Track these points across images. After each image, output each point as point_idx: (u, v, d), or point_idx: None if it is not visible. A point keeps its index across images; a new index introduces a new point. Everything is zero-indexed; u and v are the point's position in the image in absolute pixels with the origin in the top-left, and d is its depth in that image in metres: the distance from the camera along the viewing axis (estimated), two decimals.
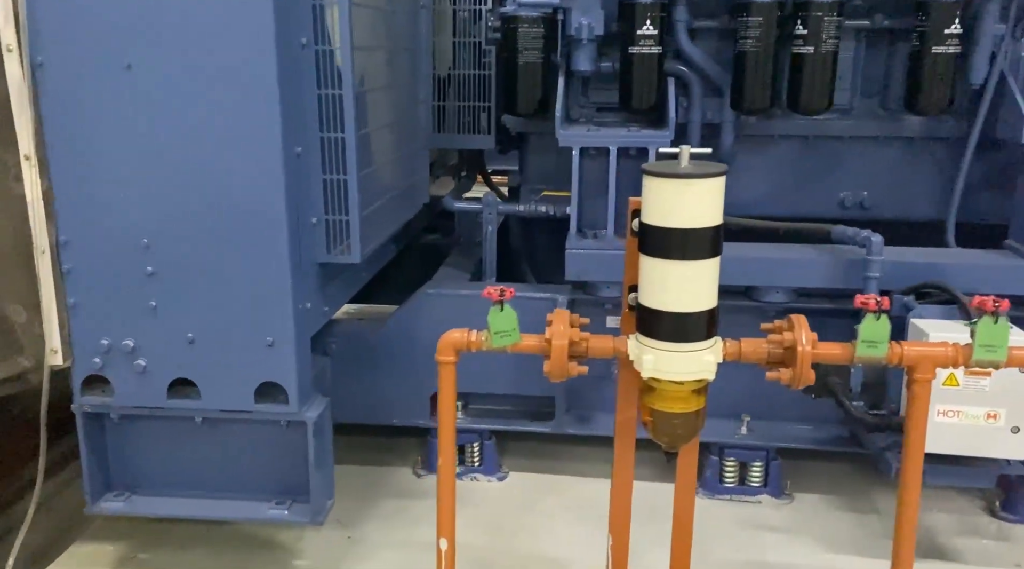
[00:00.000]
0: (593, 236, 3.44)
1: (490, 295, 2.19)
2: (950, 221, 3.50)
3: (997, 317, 2.06)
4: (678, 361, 2.13)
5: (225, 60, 2.43)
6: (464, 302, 3.52)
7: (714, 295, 2.15)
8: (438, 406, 2.34)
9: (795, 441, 3.54)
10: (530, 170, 3.98)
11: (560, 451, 3.93)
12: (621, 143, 3.34)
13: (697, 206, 2.05)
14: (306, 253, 2.71)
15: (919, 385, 2.17)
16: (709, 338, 2.16)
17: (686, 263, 2.08)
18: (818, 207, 3.82)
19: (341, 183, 2.72)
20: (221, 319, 2.62)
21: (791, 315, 2.22)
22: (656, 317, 2.14)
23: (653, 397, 2.22)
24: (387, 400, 3.64)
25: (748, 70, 3.31)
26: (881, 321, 2.12)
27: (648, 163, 2.14)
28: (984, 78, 3.29)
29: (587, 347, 2.23)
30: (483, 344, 2.24)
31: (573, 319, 2.26)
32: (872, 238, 3.11)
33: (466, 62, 3.87)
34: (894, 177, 3.72)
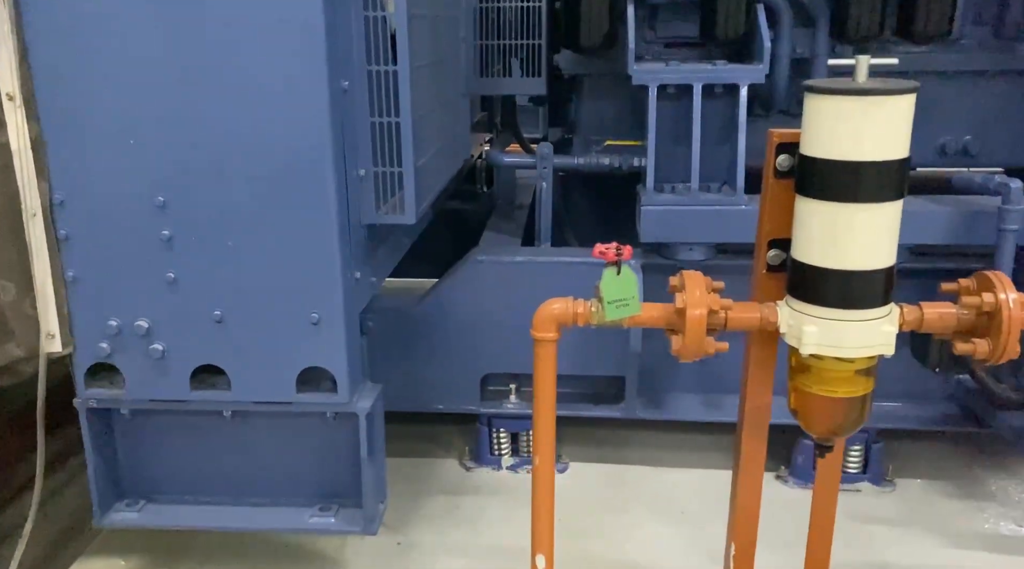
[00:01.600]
0: (672, 190, 2.97)
1: (603, 255, 1.72)
2: None
3: None
4: (850, 332, 1.68)
5: None
6: (520, 270, 3.06)
7: (895, 249, 1.70)
8: (535, 395, 1.88)
9: (899, 421, 3.12)
10: (585, 118, 3.49)
11: (623, 437, 3.50)
12: (707, 79, 2.86)
13: (887, 131, 1.59)
14: (354, 212, 2.23)
15: None
16: (886, 303, 1.71)
17: (867, 206, 1.62)
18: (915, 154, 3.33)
19: (393, 127, 2.24)
20: (255, 293, 2.15)
21: (985, 271, 1.77)
22: (822, 277, 1.68)
23: (809, 378, 1.78)
24: (431, 383, 3.18)
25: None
26: None
27: (811, 80, 1.66)
28: None
29: (727, 318, 1.77)
30: (593, 317, 1.78)
31: (707, 282, 1.80)
32: (1010, 184, 2.65)
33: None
34: (1006, 118, 3.26)
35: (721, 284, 1.83)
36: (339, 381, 2.22)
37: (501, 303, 3.05)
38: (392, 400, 3.16)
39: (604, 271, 1.75)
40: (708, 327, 1.77)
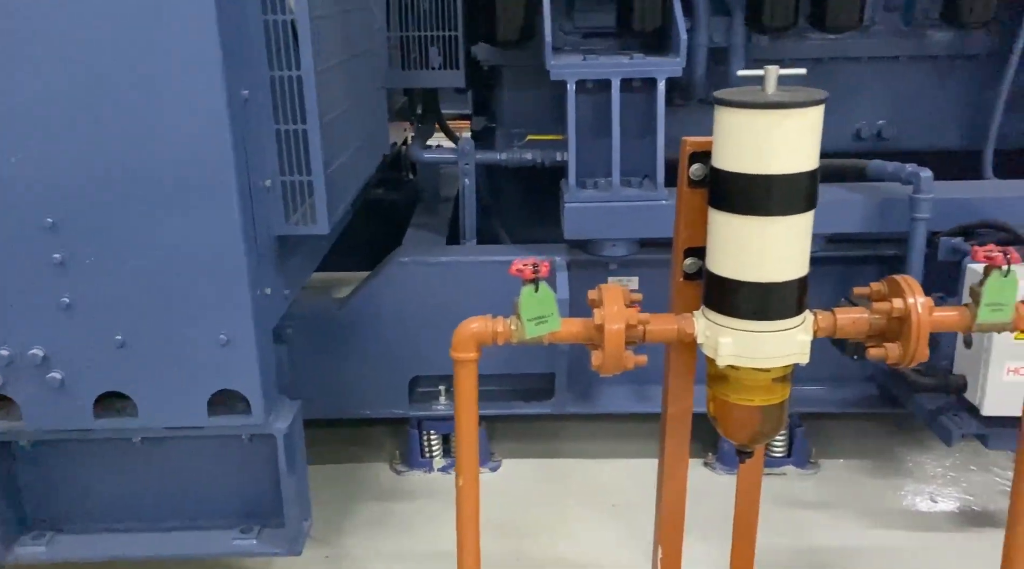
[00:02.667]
0: (593, 185, 2.94)
1: (521, 273, 1.68)
2: (988, 149, 3.14)
3: None
4: (765, 343, 1.68)
5: None
6: (444, 270, 3.00)
7: (807, 259, 1.70)
8: (456, 416, 1.83)
9: (821, 405, 3.19)
10: (506, 111, 3.43)
11: (556, 430, 3.50)
12: (626, 73, 2.82)
13: (795, 144, 1.57)
14: (261, 225, 2.13)
15: None
16: (801, 312, 1.72)
17: (779, 219, 1.61)
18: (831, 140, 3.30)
19: (300, 134, 2.14)
20: (159, 315, 2.04)
21: (895, 276, 1.79)
22: (736, 289, 1.67)
23: (727, 387, 1.78)
24: (357, 388, 3.11)
25: None
26: (1009, 279, 1.71)
27: (723, 91, 1.64)
28: None
29: (645, 331, 1.75)
30: (513, 335, 1.74)
31: (625, 295, 1.77)
32: (920, 173, 2.71)
33: None
34: (917, 102, 3.34)
35: (640, 296, 1.80)
36: (253, 403, 2.13)
37: (427, 304, 2.99)
38: (317, 407, 3.09)
39: (522, 289, 1.70)
40: (627, 340, 1.75)
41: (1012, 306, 1.73)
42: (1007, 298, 1.71)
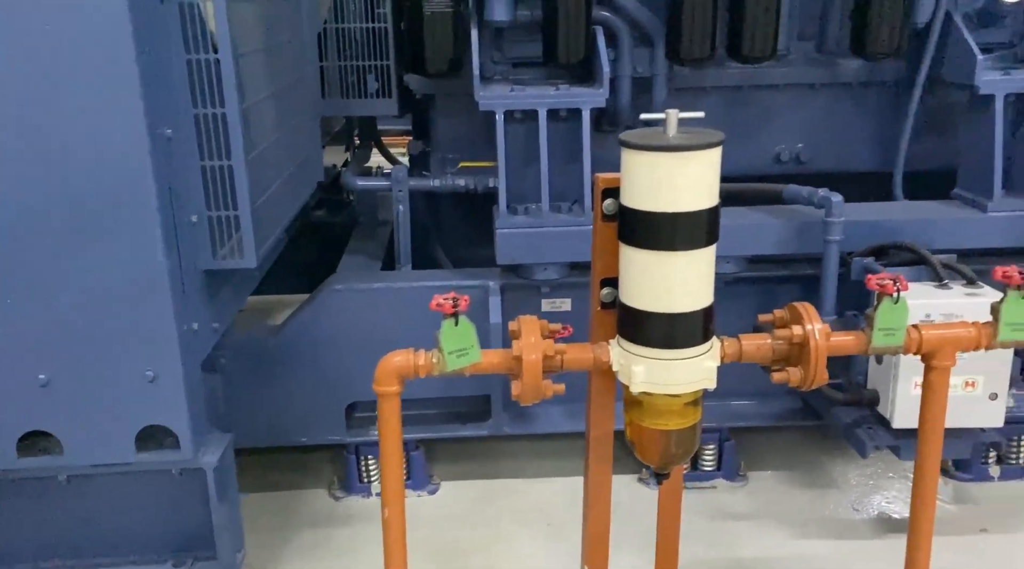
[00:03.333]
0: (524, 211, 3.01)
1: (441, 307, 1.73)
2: (898, 172, 3.30)
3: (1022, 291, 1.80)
4: (675, 370, 1.77)
5: (65, 21, 1.82)
6: (379, 297, 3.04)
7: (711, 288, 1.79)
8: (381, 448, 1.88)
9: (748, 419, 3.30)
10: (439, 137, 3.49)
11: (493, 452, 3.54)
12: (552, 104, 2.91)
13: (695, 184, 1.66)
14: (187, 261, 2.15)
15: (938, 373, 1.90)
16: (708, 339, 1.81)
17: (683, 254, 1.70)
18: (752, 162, 3.55)
19: (225, 170, 2.17)
20: (84, 353, 2.05)
21: (796, 303, 1.89)
22: (647, 320, 1.75)
23: (642, 413, 1.85)
24: (293, 416, 3.12)
25: (685, 13, 2.94)
26: (900, 305, 1.83)
27: (627, 133, 1.73)
28: (930, 16, 3.05)
29: (563, 361, 1.83)
30: (434, 368, 1.79)
31: (543, 326, 1.84)
32: (831, 198, 2.84)
33: (354, 14, 3.30)
34: (832, 127, 3.49)
35: (558, 326, 1.88)
36: (181, 438, 2.14)
37: (362, 330, 3.02)
38: (254, 435, 3.11)
39: (443, 323, 1.76)
40: (545, 370, 1.81)
41: (903, 330, 1.84)
42: (898, 323, 1.83)
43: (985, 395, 2.62)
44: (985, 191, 3.00)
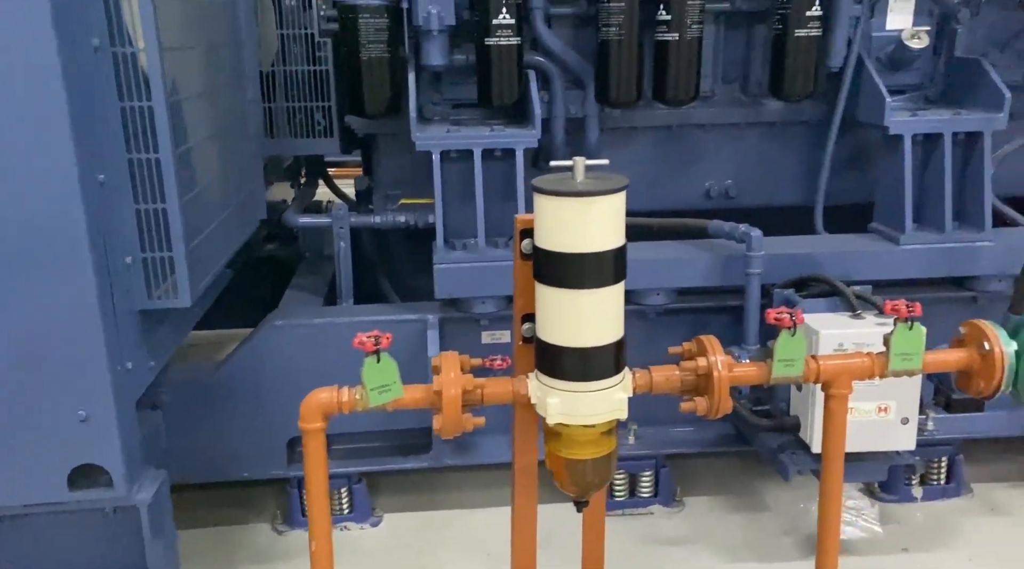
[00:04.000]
0: (463, 247, 3.11)
1: (363, 345, 1.81)
2: (818, 207, 3.46)
3: (912, 323, 1.94)
4: (588, 402, 1.86)
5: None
6: (319, 333, 3.10)
7: (621, 323, 1.89)
8: (307, 484, 1.94)
9: (683, 445, 3.40)
10: (382, 175, 3.58)
11: (437, 483, 3.60)
12: (486, 144, 3.03)
13: (600, 226, 1.77)
14: (121, 301, 2.20)
15: (836, 400, 2.02)
16: (619, 372, 1.91)
17: (592, 292, 1.80)
18: (685, 198, 3.70)
19: (159, 213, 2.23)
20: (15, 393, 2.07)
21: (702, 336, 2.00)
22: (558, 354, 1.85)
23: (559, 443, 1.94)
24: (235, 451, 3.15)
25: (612, 60, 3.09)
26: (796, 338, 1.95)
27: (539, 179, 1.83)
28: (843, 60, 3.24)
29: (483, 395, 1.91)
30: (358, 404, 1.86)
31: (463, 361, 1.93)
32: (751, 233, 2.98)
33: (298, 57, 3.39)
34: (758, 164, 3.65)
35: (478, 361, 1.96)
36: (115, 477, 2.17)
37: (303, 366, 3.07)
38: (196, 471, 3.13)
39: (365, 360, 1.84)
40: (466, 404, 1.90)
41: (802, 360, 1.96)
42: (796, 354, 1.95)
43: (897, 419, 2.75)
44: (898, 225, 3.18)
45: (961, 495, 3.43)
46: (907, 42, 3.24)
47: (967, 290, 3.26)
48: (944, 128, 3.11)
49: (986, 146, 3.12)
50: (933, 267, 3.16)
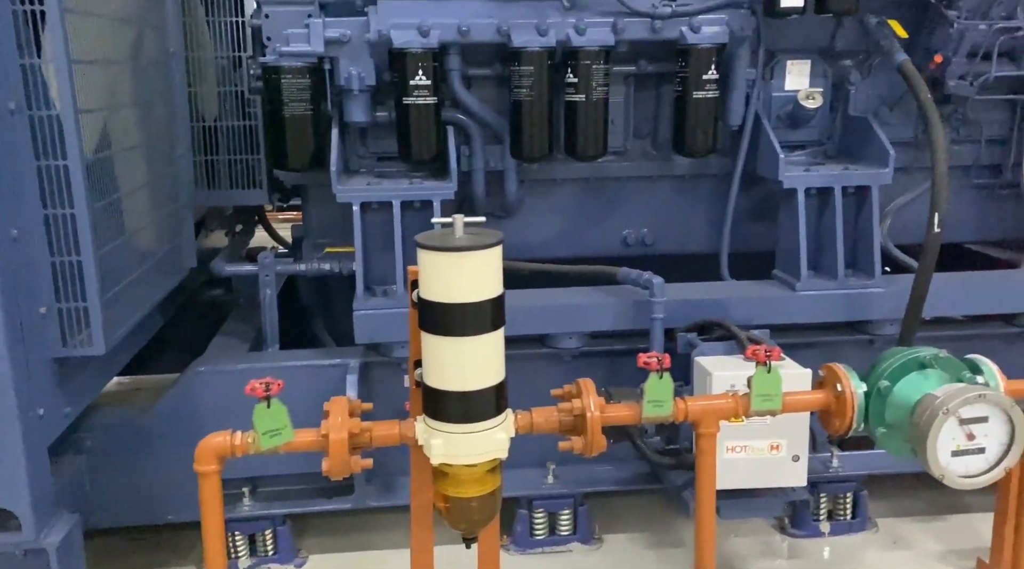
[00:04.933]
0: (383, 293, 3.24)
1: (254, 391, 1.93)
2: (723, 255, 3.65)
3: (769, 367, 2.11)
4: (469, 443, 1.99)
5: None
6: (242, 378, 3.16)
7: (501, 368, 2.03)
8: (203, 525, 2.03)
9: (601, 484, 3.52)
10: (312, 224, 3.72)
11: (364, 524, 3.67)
12: (404, 196, 3.19)
13: (475, 279, 1.93)
14: (34, 349, 2.30)
15: (705, 439, 2.18)
16: (500, 413, 2.04)
17: (471, 339, 1.94)
18: (604, 245, 3.88)
19: (75, 265, 2.34)
20: None
21: (580, 379, 2.15)
22: (441, 398, 1.98)
23: (446, 483, 2.07)
24: (160, 495, 3.21)
25: (523, 119, 3.28)
26: (664, 380, 2.10)
27: (421, 235, 1.99)
28: (741, 120, 3.47)
29: (371, 437, 2.03)
30: (250, 447, 1.98)
31: (354, 406, 2.05)
32: (653, 280, 3.16)
33: (231, 112, 3.55)
34: (671, 214, 3.85)
35: (369, 406, 2.09)
36: (23, 521, 2.25)
37: (226, 411, 3.13)
38: (120, 515, 3.18)
39: (255, 406, 1.95)
40: (356, 446, 2.02)
41: (670, 401, 2.12)
42: (665, 395, 2.10)
43: (788, 457, 2.91)
44: (795, 272, 3.38)
45: (866, 530, 3.58)
46: (802, 102, 3.47)
47: (864, 334, 3.46)
48: (834, 182, 3.34)
49: (874, 199, 3.34)
50: (827, 312, 3.35)
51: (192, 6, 3.47)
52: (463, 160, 3.51)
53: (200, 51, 3.48)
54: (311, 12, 3.19)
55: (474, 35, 3.19)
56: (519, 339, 3.38)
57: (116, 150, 2.62)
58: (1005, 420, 1.99)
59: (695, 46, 3.23)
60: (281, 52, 3.11)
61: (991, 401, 1.96)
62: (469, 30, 3.17)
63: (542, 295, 3.39)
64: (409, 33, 3.11)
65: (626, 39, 3.26)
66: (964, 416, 1.97)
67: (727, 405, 2.15)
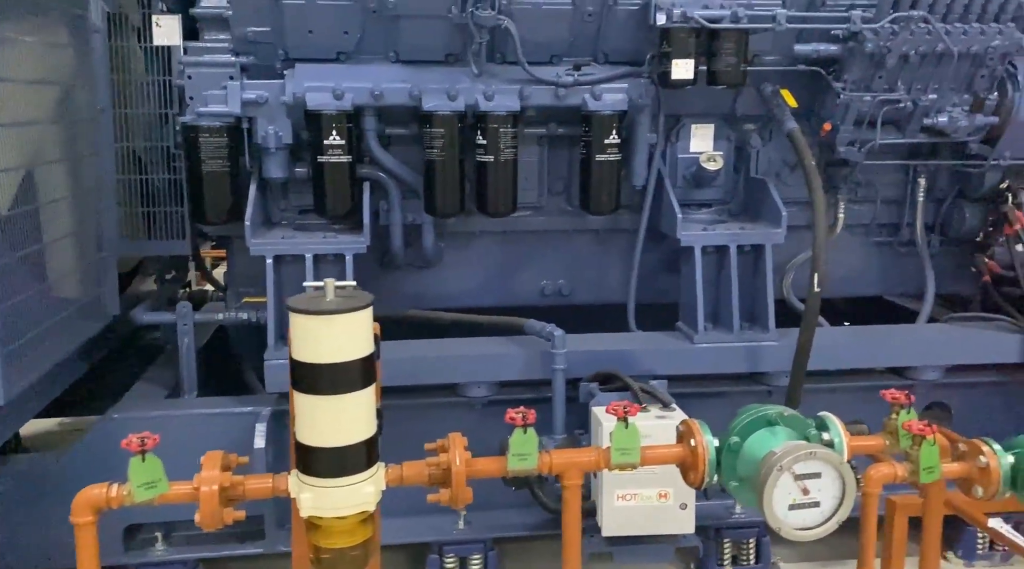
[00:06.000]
0: None
1: (129, 445, 2.03)
2: (630, 306, 3.81)
3: (627, 422, 2.24)
4: (336, 496, 2.10)
5: None
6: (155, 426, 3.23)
7: (371, 423, 2.15)
8: None
9: (511, 529, 3.61)
10: (236, 273, 3.84)
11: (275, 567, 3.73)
12: (317, 250, 3.32)
13: (343, 340, 2.05)
14: None
15: (570, 490, 2.30)
16: (370, 467, 2.15)
17: (336, 397, 2.06)
18: (523, 295, 4.02)
19: None
20: None
21: (451, 434, 2.27)
22: (311, 453, 2.10)
23: (319, 534, 2.17)
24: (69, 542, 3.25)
25: (436, 177, 3.43)
26: (529, 434, 2.23)
27: (292, 298, 2.12)
28: (644, 180, 3.65)
29: (244, 490, 2.14)
30: (126, 499, 2.07)
31: (229, 460, 2.16)
32: (555, 332, 3.30)
33: (157, 166, 3.69)
34: (587, 266, 4.01)
35: (245, 459, 2.19)
36: None
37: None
38: (31, 560, 3.23)
39: (131, 460, 2.05)
40: (230, 498, 2.12)
41: (535, 454, 2.24)
42: (530, 449, 2.23)
43: (676, 505, 3.03)
44: (694, 325, 3.54)
45: None
46: (704, 164, 3.67)
47: (762, 385, 3.61)
48: (729, 241, 3.52)
49: (767, 257, 3.52)
50: (724, 364, 3.51)
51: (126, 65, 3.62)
52: (382, 214, 3.66)
53: (130, 108, 3.62)
54: (232, 74, 3.34)
55: (387, 99, 3.35)
56: (431, 388, 3.51)
57: (42, 202, 2.73)
58: (836, 476, 2.13)
59: (596, 113, 3.42)
60: (199, 112, 3.26)
61: (822, 458, 2.10)
62: (382, 94, 3.34)
63: (453, 345, 3.52)
64: (324, 96, 3.27)
65: (532, 105, 3.44)
66: (798, 472, 2.11)
67: (589, 459, 2.28)
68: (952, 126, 3.46)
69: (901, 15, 3.22)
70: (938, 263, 4.08)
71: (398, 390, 3.45)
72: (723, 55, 3.22)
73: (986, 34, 3.30)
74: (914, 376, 3.67)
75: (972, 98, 3.49)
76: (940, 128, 3.49)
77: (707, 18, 3.17)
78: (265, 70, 3.42)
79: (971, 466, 2.27)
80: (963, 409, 3.76)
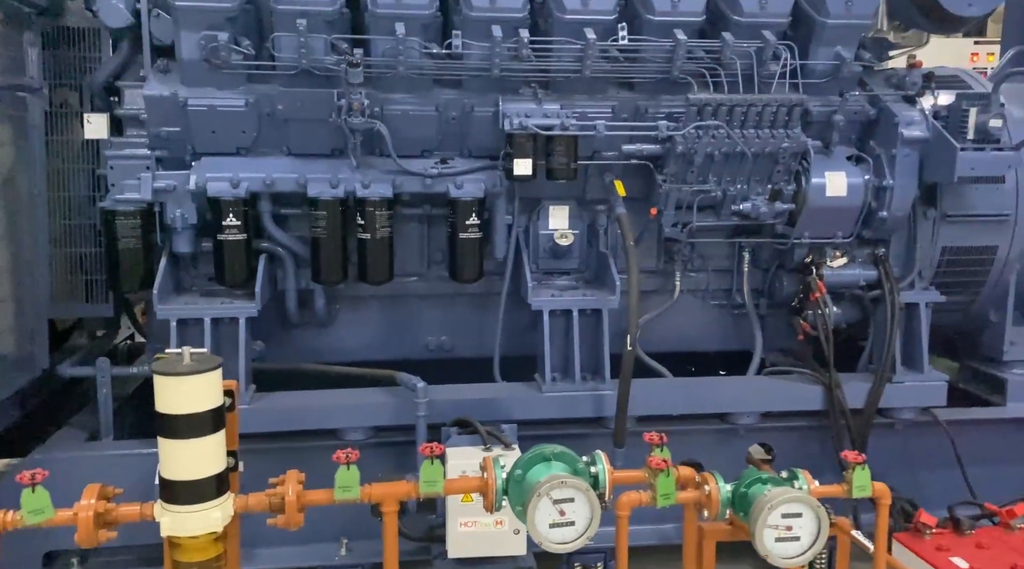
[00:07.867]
0: None
1: (22, 479, 2.58)
2: (495, 360, 4.40)
3: (433, 460, 2.82)
4: (190, 520, 2.65)
5: None
6: (73, 466, 3.80)
7: (220, 460, 2.71)
8: None
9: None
10: (153, 332, 4.40)
11: None
12: (214, 314, 3.90)
13: (196, 395, 2.62)
14: None
15: (388, 517, 2.86)
16: (220, 496, 2.71)
17: (193, 441, 2.63)
18: (410, 351, 4.61)
19: None
20: None
21: (290, 470, 2.84)
22: (170, 486, 2.65)
23: (179, 551, 2.71)
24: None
25: (321, 252, 4.03)
26: (352, 470, 2.80)
27: (156, 362, 2.69)
28: (504, 254, 4.27)
29: (116, 515, 2.69)
30: (18, 523, 2.61)
31: (107, 491, 2.71)
32: (418, 384, 3.88)
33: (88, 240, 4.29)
34: (466, 324, 4.60)
35: (120, 490, 2.74)
36: None
37: (60, 495, 3.71)
38: None
39: (23, 490, 2.60)
40: (105, 522, 2.66)
41: (357, 487, 2.81)
42: (352, 482, 2.79)
43: (511, 530, 3.59)
44: (544, 376, 4.14)
45: None
46: (557, 240, 4.31)
47: (605, 427, 4.20)
48: (572, 306, 4.14)
49: (604, 319, 4.14)
50: (568, 410, 4.11)
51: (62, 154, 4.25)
52: (279, 280, 4.25)
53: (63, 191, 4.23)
54: (148, 165, 3.96)
55: (278, 186, 3.98)
56: (315, 433, 4.07)
57: None
58: (586, 501, 2.71)
59: (459, 199, 4.05)
60: (116, 199, 3.86)
61: (572, 485, 2.69)
62: (274, 182, 3.96)
63: (334, 395, 4.09)
64: (222, 185, 3.88)
65: (404, 192, 4.07)
66: (555, 497, 2.69)
67: (403, 488, 2.84)
68: (755, 212, 4.14)
69: (702, 124, 3.90)
70: (770, 322, 4.73)
71: (286, 435, 4.02)
72: (556, 155, 3.88)
73: (776, 137, 3.99)
74: (734, 421, 4.28)
75: (771, 188, 4.16)
76: (746, 213, 4.17)
77: (541, 126, 3.85)
78: (177, 161, 4.03)
79: (699, 493, 2.86)
80: (785, 448, 4.37)
